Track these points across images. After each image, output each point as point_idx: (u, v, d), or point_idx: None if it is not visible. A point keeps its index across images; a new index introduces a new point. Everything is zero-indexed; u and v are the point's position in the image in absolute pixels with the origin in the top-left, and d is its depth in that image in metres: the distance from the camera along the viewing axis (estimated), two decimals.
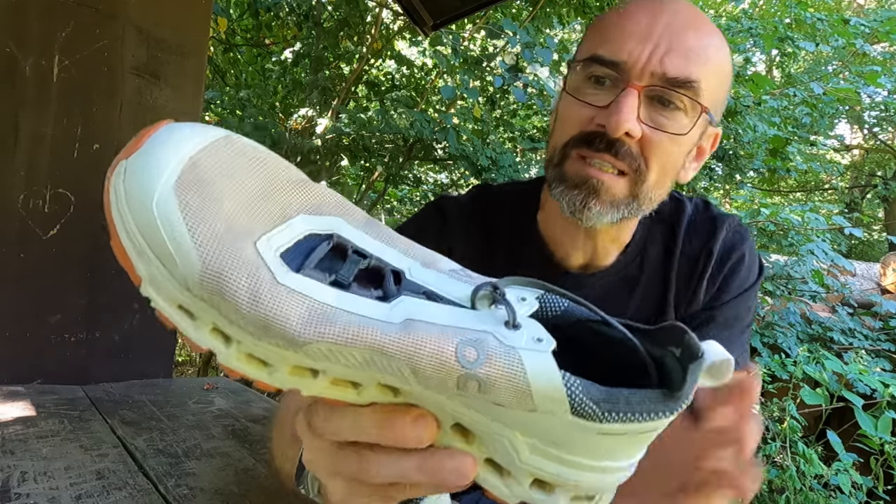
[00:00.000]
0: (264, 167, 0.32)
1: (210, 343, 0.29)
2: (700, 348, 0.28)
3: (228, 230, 0.28)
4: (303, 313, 0.27)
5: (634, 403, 0.28)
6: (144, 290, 0.29)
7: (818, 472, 2.25)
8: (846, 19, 4.18)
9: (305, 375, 0.30)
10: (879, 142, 8.57)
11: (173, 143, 0.29)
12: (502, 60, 3.66)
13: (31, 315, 1.16)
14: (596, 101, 0.62)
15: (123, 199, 0.28)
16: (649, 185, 0.63)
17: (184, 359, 4.79)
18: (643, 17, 0.62)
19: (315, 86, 3.77)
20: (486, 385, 0.28)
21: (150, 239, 0.28)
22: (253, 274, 0.27)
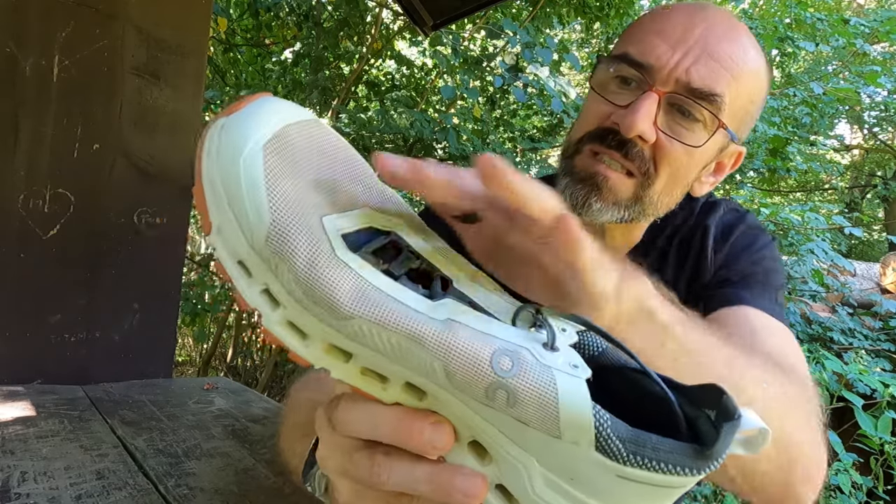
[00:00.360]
0: (343, 157, 0.34)
1: (258, 302, 0.30)
2: (737, 410, 0.27)
3: (301, 199, 0.30)
4: (351, 288, 0.28)
5: (662, 452, 0.27)
6: (211, 239, 0.31)
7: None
8: (846, 19, 4.18)
9: (338, 357, 0.30)
10: (879, 142, 8.57)
11: (270, 111, 0.31)
12: (502, 60, 3.66)
13: (31, 315, 1.16)
14: (617, 99, 0.62)
15: (216, 150, 0.30)
16: (655, 190, 0.63)
17: (184, 359, 4.79)
18: (680, 21, 0.61)
19: (315, 86, 3.77)
20: (515, 397, 0.27)
21: (229, 191, 0.29)
22: (314, 242, 0.29)
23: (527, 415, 0.28)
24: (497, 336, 0.29)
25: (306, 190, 0.30)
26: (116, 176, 1.25)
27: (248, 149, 0.29)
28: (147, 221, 1.29)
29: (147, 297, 1.30)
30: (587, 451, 0.27)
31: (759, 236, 0.73)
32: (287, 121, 0.31)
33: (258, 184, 0.29)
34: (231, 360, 4.30)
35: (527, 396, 0.27)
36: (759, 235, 0.73)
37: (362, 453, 0.32)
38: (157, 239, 1.30)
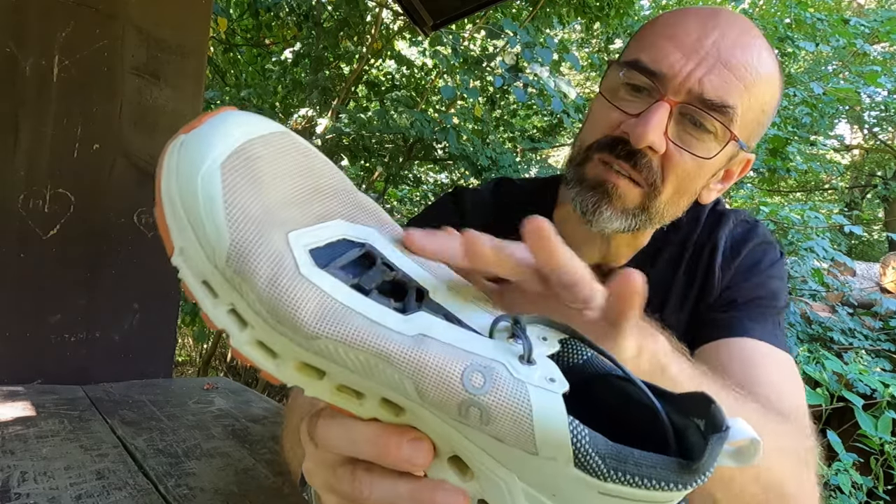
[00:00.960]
0: (313, 168, 0.33)
1: (225, 323, 0.30)
2: (725, 421, 0.26)
3: (264, 215, 0.29)
4: (316, 306, 0.28)
5: (644, 467, 0.26)
6: (175, 260, 0.30)
7: (818, 471, 2.25)
8: (846, 19, 4.18)
9: (311, 375, 0.30)
10: (879, 142, 8.57)
11: (231, 126, 0.30)
12: (502, 60, 3.66)
13: (31, 315, 1.16)
14: (628, 107, 0.61)
15: (175, 168, 0.29)
16: (661, 201, 0.62)
17: (184, 359, 4.79)
18: (694, 28, 0.59)
19: (315, 86, 3.77)
20: (488, 415, 0.27)
21: (188, 210, 0.29)
22: (277, 260, 0.28)
23: (501, 432, 0.27)
24: (470, 350, 0.28)
25: (272, 206, 0.30)
26: (116, 176, 1.25)
27: (206, 166, 0.28)
28: (147, 221, 1.29)
29: (147, 297, 1.30)
30: (566, 467, 0.26)
31: (768, 253, 0.72)
32: (250, 135, 0.30)
33: (216, 202, 0.28)
34: (231, 360, 4.30)
35: (500, 413, 0.26)
36: (768, 252, 0.72)
37: (345, 469, 0.32)
38: (157, 239, 1.29)
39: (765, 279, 0.69)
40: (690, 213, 0.73)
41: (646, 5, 7.09)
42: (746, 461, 0.27)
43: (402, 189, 4.75)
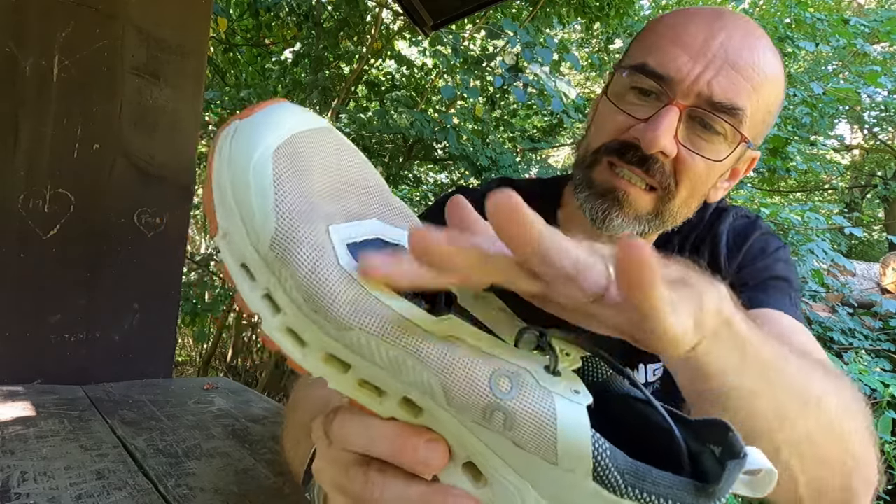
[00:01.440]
0: (355, 165, 0.34)
1: (259, 307, 0.30)
2: (743, 448, 0.26)
3: (309, 207, 0.30)
4: (353, 298, 0.28)
5: (662, 486, 0.26)
6: (217, 241, 0.31)
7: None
8: (846, 19, 4.18)
9: (336, 367, 0.30)
10: (879, 142, 8.57)
11: (283, 117, 0.31)
12: (502, 60, 3.66)
13: (31, 315, 1.16)
14: (636, 112, 0.61)
15: (227, 154, 0.30)
16: (676, 203, 0.62)
17: (184, 359, 4.79)
18: (700, 31, 0.59)
19: (315, 86, 3.77)
20: (512, 420, 0.27)
21: (238, 195, 0.30)
22: (319, 250, 0.29)
23: (524, 438, 0.27)
24: (498, 356, 0.28)
25: (315, 198, 0.31)
26: (116, 176, 1.25)
27: (259, 154, 0.30)
28: (147, 221, 1.29)
29: (147, 297, 1.30)
30: (584, 480, 0.26)
31: (772, 241, 0.72)
32: (299, 128, 0.31)
33: (266, 189, 0.29)
34: (231, 360, 4.30)
35: (524, 420, 0.27)
36: (772, 240, 0.72)
37: (357, 469, 0.32)
38: (157, 239, 1.30)
39: (772, 262, 0.69)
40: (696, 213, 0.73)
41: (646, 5, 7.09)
42: (761, 491, 0.27)
43: (402, 189, 4.75)
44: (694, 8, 0.63)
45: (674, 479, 0.26)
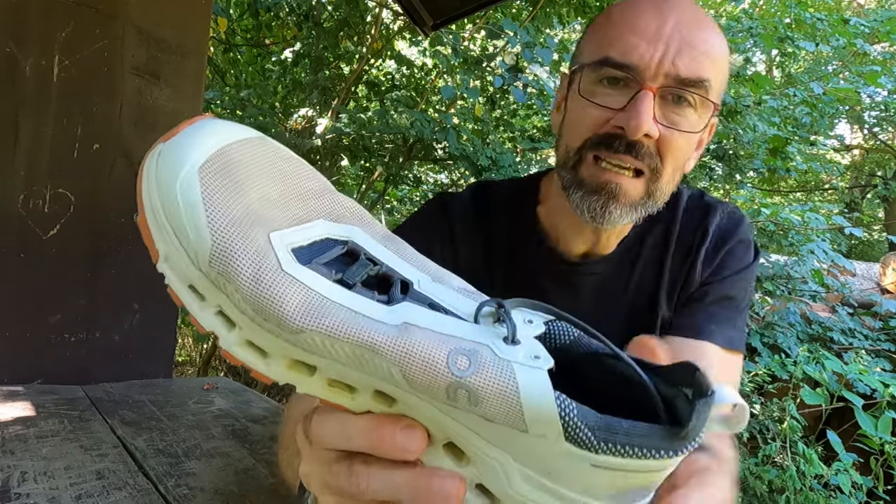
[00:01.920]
0: (293, 171, 0.33)
1: (214, 325, 0.30)
2: (710, 387, 0.27)
3: (246, 216, 0.29)
4: (300, 301, 0.28)
5: (634, 436, 0.26)
6: (160, 267, 0.31)
7: (818, 472, 2.26)
8: (846, 19, 4.18)
9: (302, 371, 0.30)
10: (879, 142, 8.57)
11: (208, 133, 0.31)
12: (502, 60, 3.66)
13: (31, 315, 1.16)
14: (610, 102, 0.63)
15: (153, 177, 0.30)
16: (664, 181, 0.65)
17: (184, 359, 4.79)
18: (651, 17, 0.62)
19: (315, 86, 3.77)
20: (476, 396, 0.27)
21: (170, 216, 0.29)
22: (259, 259, 0.29)
23: (491, 412, 0.27)
24: (454, 335, 0.28)
25: (252, 207, 0.30)
26: (116, 176, 1.25)
27: (185, 171, 0.29)
28: None
29: (147, 297, 1.30)
30: (557, 442, 0.27)
31: (747, 254, 0.75)
32: (229, 140, 0.31)
33: (196, 205, 0.29)
34: None
35: (487, 393, 0.27)
36: (747, 253, 0.75)
37: (341, 464, 0.32)
38: None
39: (738, 279, 0.73)
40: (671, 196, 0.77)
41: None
42: (735, 426, 0.28)
43: (402, 189, 4.75)
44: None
45: (645, 427, 0.26)
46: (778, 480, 2.35)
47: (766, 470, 2.40)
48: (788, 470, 2.29)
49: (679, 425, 0.27)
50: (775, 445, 2.42)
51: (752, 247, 0.76)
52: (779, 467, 2.44)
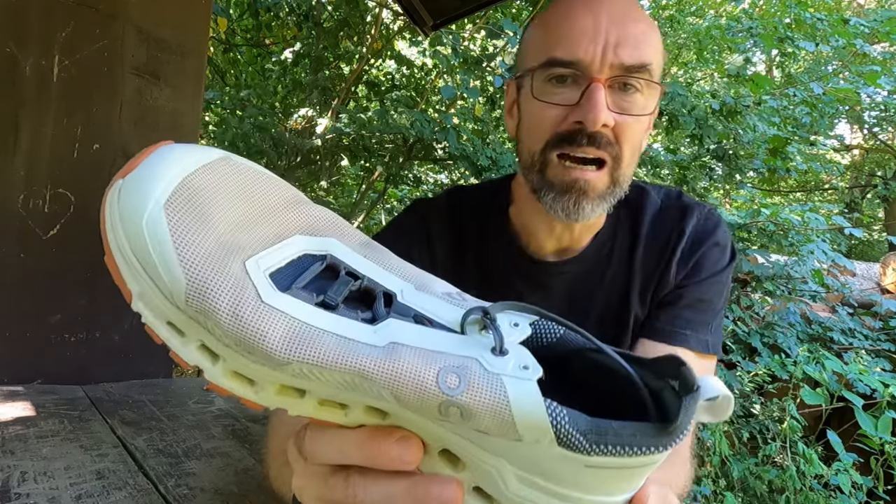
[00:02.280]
0: (262, 188, 0.32)
1: (197, 359, 0.29)
2: (695, 381, 0.27)
3: (218, 248, 0.28)
4: (284, 333, 0.27)
5: (625, 436, 0.27)
6: (135, 306, 0.30)
7: (818, 472, 2.26)
8: (846, 19, 4.17)
9: (292, 395, 0.30)
10: (879, 142, 8.56)
11: (167, 163, 0.29)
12: (502, 60, 3.66)
13: (31, 315, 1.16)
14: (564, 100, 0.66)
15: (117, 217, 0.29)
16: (625, 166, 0.68)
17: None
18: (586, 15, 0.66)
19: (315, 86, 3.77)
20: (468, 412, 0.27)
21: (139, 256, 0.28)
22: (236, 292, 0.28)
23: (483, 425, 0.27)
24: (442, 351, 0.28)
25: (224, 236, 0.29)
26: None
27: (150, 209, 0.28)
28: None
29: None
30: (550, 448, 0.27)
31: (722, 257, 0.76)
32: (190, 168, 0.29)
33: (165, 244, 0.28)
34: None
35: (479, 409, 0.27)
36: (723, 256, 0.76)
37: (337, 477, 0.32)
38: None
39: (713, 282, 0.75)
40: (635, 190, 0.79)
41: (645, 5, 7.09)
42: (721, 416, 0.29)
43: (402, 189, 4.75)
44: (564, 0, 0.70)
45: (634, 426, 0.27)
46: (778, 480, 2.35)
47: (766, 470, 2.40)
48: (788, 470, 2.29)
49: (667, 419, 0.27)
50: (775, 445, 2.42)
51: (727, 250, 0.77)
52: (779, 467, 2.44)
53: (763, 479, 2.40)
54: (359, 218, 4.24)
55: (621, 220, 0.78)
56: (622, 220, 0.78)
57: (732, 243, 0.78)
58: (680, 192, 0.81)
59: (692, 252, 0.74)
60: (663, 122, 3.65)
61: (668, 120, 3.57)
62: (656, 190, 0.81)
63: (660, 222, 0.77)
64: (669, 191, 0.81)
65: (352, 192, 4.89)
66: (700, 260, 0.74)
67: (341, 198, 4.89)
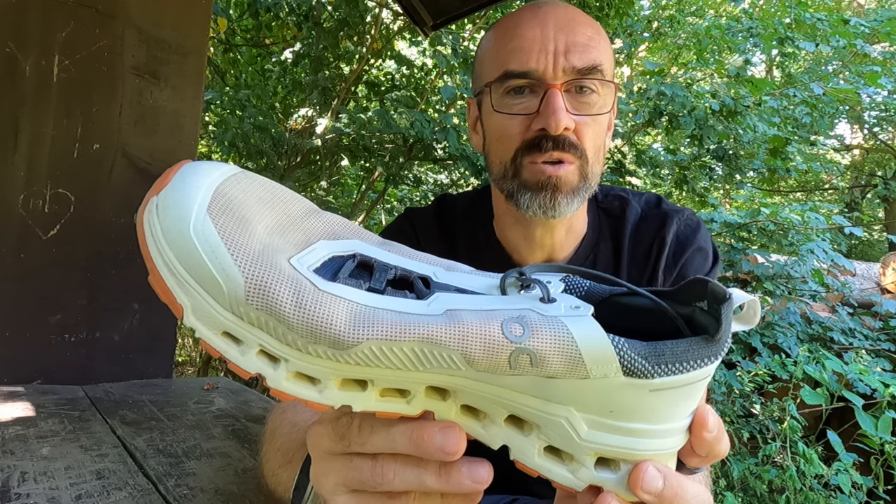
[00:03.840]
0: (282, 198, 0.33)
1: (258, 366, 0.29)
2: (726, 291, 0.29)
3: (263, 248, 0.29)
4: (347, 316, 0.28)
5: (679, 353, 0.29)
6: (187, 321, 0.29)
7: (818, 472, 2.25)
8: (846, 20, 4.17)
9: (354, 388, 0.30)
10: (879, 142, 8.56)
11: (197, 177, 0.30)
12: None
13: (31, 315, 1.16)
14: (524, 109, 0.69)
15: (160, 232, 0.29)
16: (590, 164, 0.70)
17: (184, 359, 4.79)
18: (533, 27, 0.69)
19: (315, 86, 3.76)
20: (538, 357, 0.28)
21: (190, 266, 0.28)
22: (294, 284, 0.28)
23: (553, 369, 0.29)
24: (498, 308, 0.29)
25: (264, 239, 0.30)
26: (116, 176, 1.25)
27: (194, 217, 0.28)
28: None
29: (147, 298, 1.30)
30: (617, 379, 0.29)
31: (705, 262, 0.78)
32: (218, 180, 0.30)
33: (218, 247, 0.28)
34: None
35: (547, 352, 0.28)
36: (706, 261, 0.78)
37: (364, 458, 0.33)
38: None
39: None
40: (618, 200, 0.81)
41: (646, 5, 7.09)
42: (751, 321, 0.31)
43: (402, 189, 4.74)
44: (513, 14, 0.73)
45: (687, 342, 0.29)
46: (778, 480, 2.35)
47: (766, 470, 2.40)
48: (788, 470, 2.29)
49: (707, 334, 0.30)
50: (775, 445, 2.42)
51: (710, 253, 0.78)
52: (779, 467, 2.44)
53: (763, 479, 2.40)
54: (359, 218, 4.24)
55: (603, 231, 0.79)
56: (604, 229, 0.79)
57: (714, 245, 0.80)
58: (659, 198, 0.82)
59: (676, 260, 0.76)
60: (663, 123, 3.64)
61: (668, 120, 3.57)
62: (637, 198, 0.82)
63: (641, 231, 0.78)
64: (649, 198, 0.83)
65: (352, 192, 4.89)
66: (685, 266, 0.76)
67: (341, 198, 4.89)
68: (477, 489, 0.32)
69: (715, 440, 0.32)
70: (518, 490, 0.76)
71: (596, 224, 0.80)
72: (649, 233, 0.77)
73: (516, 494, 0.76)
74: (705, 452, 0.33)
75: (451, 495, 0.34)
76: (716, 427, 0.32)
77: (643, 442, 0.30)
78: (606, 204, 0.82)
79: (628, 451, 0.30)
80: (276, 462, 0.54)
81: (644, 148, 4.28)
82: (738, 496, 2.39)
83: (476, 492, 0.32)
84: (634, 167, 4.11)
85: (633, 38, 4.52)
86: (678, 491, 0.31)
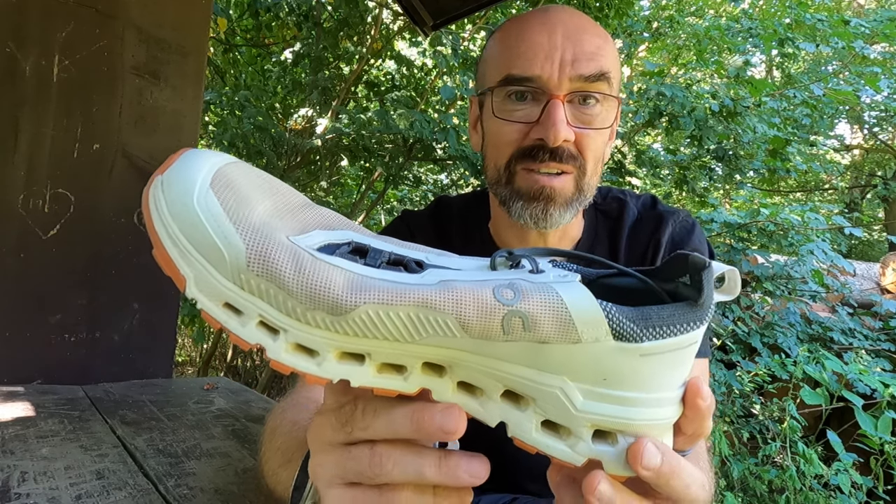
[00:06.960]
0: (278, 189, 0.34)
1: (257, 337, 0.30)
2: (705, 260, 0.31)
3: (263, 223, 0.30)
4: (344, 281, 0.29)
5: (666, 317, 0.30)
6: (190, 292, 0.30)
7: (818, 472, 2.26)
8: (846, 20, 4.17)
9: (353, 361, 0.31)
10: (879, 142, 8.56)
11: (200, 159, 0.31)
12: None
13: (31, 315, 1.16)
14: (524, 117, 0.67)
15: (164, 206, 0.30)
16: (588, 176, 0.69)
17: (184, 359, 4.79)
18: (541, 33, 0.67)
19: (315, 86, 3.76)
20: (528, 320, 0.29)
21: (192, 236, 0.29)
22: (293, 252, 0.29)
23: (545, 332, 0.29)
24: (489, 278, 0.31)
25: (263, 217, 0.31)
26: (116, 176, 1.25)
27: (198, 189, 0.29)
28: None
29: (147, 297, 1.30)
30: (607, 343, 0.29)
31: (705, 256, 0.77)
32: (220, 163, 0.32)
33: (220, 217, 0.29)
34: (231, 360, 4.30)
35: (538, 313, 0.29)
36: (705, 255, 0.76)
37: (361, 448, 0.33)
38: None
39: None
40: (615, 202, 0.81)
41: (646, 5, 7.09)
42: (733, 291, 0.32)
43: (402, 189, 4.74)
44: (521, 17, 0.71)
45: (672, 307, 0.30)
46: (778, 480, 2.35)
47: (766, 470, 2.40)
48: (788, 470, 2.29)
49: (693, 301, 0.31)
50: (775, 445, 2.42)
51: (705, 255, 0.77)
52: (779, 467, 2.44)
53: (763, 479, 2.40)
54: (359, 218, 4.24)
55: (599, 233, 0.79)
56: (601, 232, 0.79)
57: (710, 245, 0.80)
58: (654, 199, 0.82)
59: None
60: (663, 123, 3.64)
61: (668, 120, 3.57)
62: (634, 200, 0.82)
63: (637, 233, 0.78)
64: (645, 199, 0.82)
65: (352, 192, 4.89)
66: None
67: (341, 198, 4.89)
68: (472, 483, 0.32)
69: (707, 410, 0.33)
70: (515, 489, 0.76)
71: (592, 227, 0.79)
72: (645, 234, 0.77)
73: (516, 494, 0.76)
74: (697, 424, 0.33)
75: (444, 490, 0.34)
76: (709, 396, 0.33)
77: (637, 411, 0.31)
78: (605, 206, 0.81)
79: (623, 420, 0.31)
80: (276, 461, 0.54)
81: (644, 148, 4.28)
82: (738, 496, 2.39)
83: (471, 486, 0.33)
84: (634, 167, 4.11)
85: (632, 39, 4.52)
86: (675, 469, 0.32)
